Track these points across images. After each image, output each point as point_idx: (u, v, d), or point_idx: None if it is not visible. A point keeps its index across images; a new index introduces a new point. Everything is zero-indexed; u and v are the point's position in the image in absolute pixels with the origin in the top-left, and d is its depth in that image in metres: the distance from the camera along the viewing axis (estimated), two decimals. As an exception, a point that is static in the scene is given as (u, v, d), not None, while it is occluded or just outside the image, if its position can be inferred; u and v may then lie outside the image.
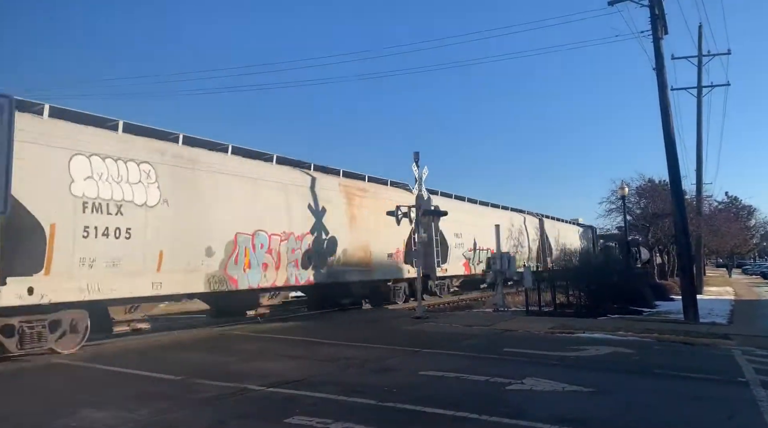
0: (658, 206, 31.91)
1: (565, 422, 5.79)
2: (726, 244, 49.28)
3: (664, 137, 17.09)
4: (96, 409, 6.45)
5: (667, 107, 17.06)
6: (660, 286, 26.76)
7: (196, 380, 7.88)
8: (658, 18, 16.98)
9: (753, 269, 74.50)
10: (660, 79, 17.11)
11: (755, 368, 8.92)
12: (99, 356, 10.10)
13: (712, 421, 6.15)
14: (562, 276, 21.26)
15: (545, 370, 8.57)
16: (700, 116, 32.36)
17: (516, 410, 6.27)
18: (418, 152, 17.29)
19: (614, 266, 22.77)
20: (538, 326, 14.07)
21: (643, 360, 9.77)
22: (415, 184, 17.59)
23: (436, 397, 6.85)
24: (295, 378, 7.99)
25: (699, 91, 32.24)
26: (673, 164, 17.20)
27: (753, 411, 6.43)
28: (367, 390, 7.24)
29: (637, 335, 12.59)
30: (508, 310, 18.44)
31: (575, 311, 18.29)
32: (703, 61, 32.07)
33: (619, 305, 19.05)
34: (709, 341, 12.03)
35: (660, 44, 17.06)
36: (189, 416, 6.24)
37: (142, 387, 7.66)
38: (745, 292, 35.52)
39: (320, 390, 7.18)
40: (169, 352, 10.71)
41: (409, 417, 6.07)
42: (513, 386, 7.46)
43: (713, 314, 18.67)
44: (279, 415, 6.04)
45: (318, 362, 9.52)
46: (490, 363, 9.50)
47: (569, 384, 7.49)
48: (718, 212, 41.87)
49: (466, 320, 15.65)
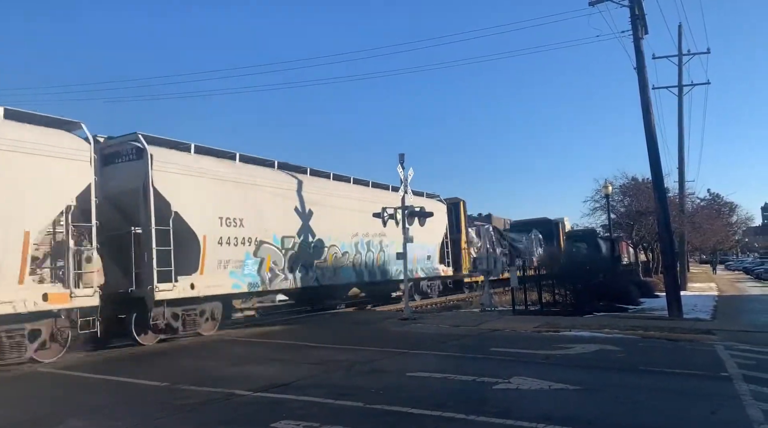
0: (641, 204, 32.24)
1: (552, 420, 5.82)
2: (709, 240, 49.93)
3: (646, 135, 17.27)
4: (78, 418, 6.38)
5: (648, 106, 17.25)
6: (645, 283, 27.06)
7: (182, 386, 7.82)
8: (638, 18, 17.16)
9: (735, 265, 75.65)
10: (641, 78, 17.28)
11: (737, 362, 9.03)
12: (83, 364, 9.99)
13: (697, 416, 6.22)
14: (549, 275, 21.40)
15: (532, 369, 8.61)
16: (681, 115, 32.75)
17: (503, 409, 6.29)
18: (404, 154, 17.28)
19: (599, 265, 22.98)
20: (525, 325, 14.14)
21: (629, 357, 9.85)
22: (401, 185, 17.59)
23: (423, 398, 6.85)
24: (283, 381, 7.95)
25: (680, 89, 32.62)
26: (656, 162, 17.39)
27: (736, 405, 6.51)
28: (355, 392, 7.22)
29: (622, 332, 12.69)
30: (495, 310, 18.52)
31: (561, 310, 18.43)
32: (683, 61, 32.46)
33: (604, 303, 19.24)
34: (693, 337, 12.17)
35: (640, 44, 17.24)
36: (174, 423, 6.18)
37: (127, 394, 7.59)
38: (728, 288, 36.02)
39: (307, 394, 7.16)
40: (156, 358, 10.62)
41: (396, 419, 6.06)
42: (500, 385, 7.48)
43: (697, 310, 18.90)
44: (266, 420, 6.00)
45: (305, 365, 9.49)
46: (477, 362, 9.53)
47: (556, 383, 7.53)
48: (700, 209, 42.34)
49: (454, 320, 15.68)
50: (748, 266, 63.57)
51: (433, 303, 23.11)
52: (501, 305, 20.34)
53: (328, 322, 16.37)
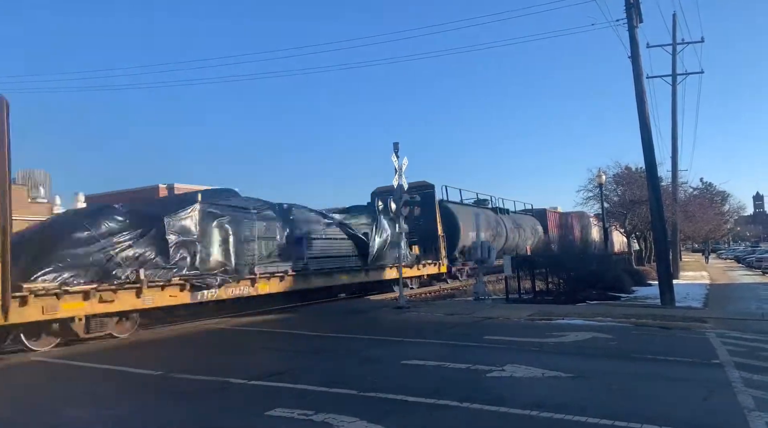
0: (634, 193, 32.34)
1: (545, 407, 5.86)
2: (701, 229, 50.21)
3: (640, 124, 17.28)
4: (73, 406, 6.38)
5: (642, 95, 17.25)
6: (637, 272, 27.17)
7: (176, 374, 7.83)
8: (632, 6, 17.12)
9: (727, 254, 76.15)
10: (635, 67, 17.27)
11: (729, 350, 9.11)
12: (78, 353, 9.98)
13: (689, 402, 6.27)
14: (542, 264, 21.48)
15: (525, 357, 8.65)
16: (675, 104, 32.83)
17: (497, 397, 6.33)
18: (398, 143, 17.21)
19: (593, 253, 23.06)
20: (518, 313, 14.21)
21: (621, 344, 9.91)
22: (395, 174, 17.56)
23: (417, 386, 6.88)
24: (278, 370, 7.97)
25: (674, 78, 32.64)
26: (649, 151, 17.42)
27: (727, 391, 6.57)
28: (349, 380, 7.25)
29: (615, 320, 12.76)
30: (488, 298, 18.57)
31: (555, 298, 18.51)
32: (677, 50, 32.46)
33: (597, 292, 19.32)
34: (685, 324, 12.25)
35: (635, 32, 17.20)
36: (169, 411, 6.19)
37: (122, 383, 7.59)
38: (720, 276, 36.26)
39: (302, 382, 7.18)
40: (150, 347, 10.62)
41: (391, 407, 6.09)
42: (494, 373, 7.52)
43: (689, 298, 19.04)
44: (261, 408, 6.02)
45: (300, 354, 9.51)
46: (471, 350, 9.57)
47: (549, 370, 7.57)
48: (693, 198, 42.53)
49: (448, 309, 15.74)
50: (739, 254, 63.95)
51: (428, 292, 23.17)
52: (495, 293, 20.41)
53: (323, 311, 16.40)
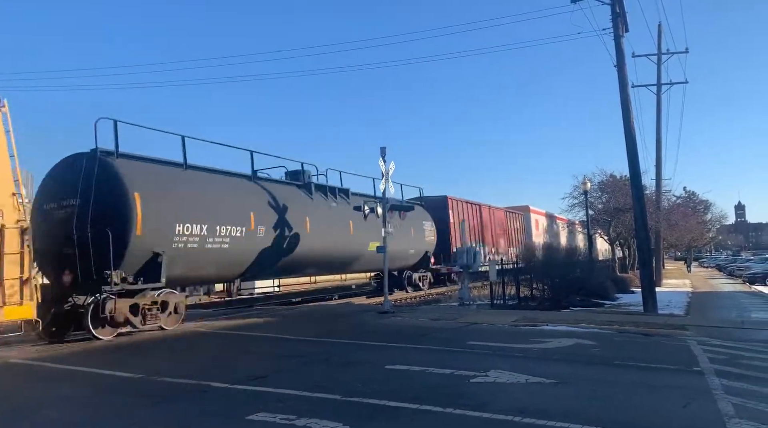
0: (619, 200, 32.66)
1: (527, 413, 5.86)
2: (684, 238, 50.79)
3: (625, 132, 17.45)
4: (53, 409, 6.27)
5: (627, 104, 17.43)
6: (621, 279, 27.42)
7: (156, 378, 7.73)
8: (618, 16, 17.32)
9: (709, 262, 77.03)
10: (621, 76, 17.46)
11: (710, 357, 9.19)
12: (57, 356, 9.83)
13: (669, 409, 6.31)
14: (527, 270, 21.59)
15: (509, 362, 8.66)
16: (660, 113, 33.23)
17: (480, 402, 6.32)
18: (385, 147, 17.23)
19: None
20: (503, 319, 14.24)
21: (604, 351, 9.96)
22: (382, 179, 17.55)
23: (401, 391, 6.85)
24: (260, 374, 7.90)
25: (658, 88, 33.07)
26: (634, 160, 17.59)
27: (707, 398, 6.62)
28: (332, 385, 7.20)
29: (598, 327, 12.84)
30: (473, 304, 18.61)
31: (539, 304, 18.60)
32: (662, 59, 32.89)
33: (581, 298, 19.45)
34: (667, 332, 12.36)
35: (621, 42, 17.40)
36: (150, 414, 6.11)
37: (101, 386, 7.48)
38: (702, 284, 36.65)
39: (284, 386, 7.11)
40: (130, 350, 10.48)
41: (373, 411, 6.06)
42: (477, 378, 7.52)
43: (671, 305, 19.23)
44: (242, 412, 5.96)
45: (283, 358, 9.44)
46: (455, 356, 9.56)
47: (532, 376, 7.59)
48: (676, 207, 43.02)
49: (432, 314, 15.73)
50: (721, 263, 64.73)
51: (413, 297, 23.17)
52: (479, 299, 20.46)
53: (307, 314, 16.32)
